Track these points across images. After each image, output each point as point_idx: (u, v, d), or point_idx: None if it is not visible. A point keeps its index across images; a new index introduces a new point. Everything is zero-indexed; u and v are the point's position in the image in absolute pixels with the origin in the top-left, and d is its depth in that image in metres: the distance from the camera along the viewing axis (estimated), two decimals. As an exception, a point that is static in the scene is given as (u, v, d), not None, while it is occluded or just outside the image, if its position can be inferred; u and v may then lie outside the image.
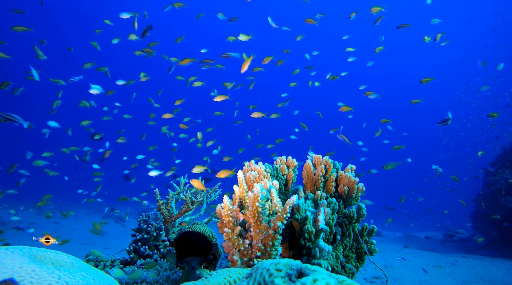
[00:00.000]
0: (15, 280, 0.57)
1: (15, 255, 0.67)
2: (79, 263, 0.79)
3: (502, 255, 5.46)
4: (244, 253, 1.04)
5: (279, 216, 1.01)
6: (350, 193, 1.40)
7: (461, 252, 6.00)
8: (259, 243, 1.02)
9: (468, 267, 4.34)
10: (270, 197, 1.07)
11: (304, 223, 1.13)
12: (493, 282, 3.74)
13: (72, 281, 0.62)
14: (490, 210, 6.09)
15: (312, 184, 1.43)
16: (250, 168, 1.37)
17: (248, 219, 1.04)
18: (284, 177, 1.50)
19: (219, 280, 0.80)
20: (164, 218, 1.70)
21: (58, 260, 0.76)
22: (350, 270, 1.34)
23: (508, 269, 4.28)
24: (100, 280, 0.70)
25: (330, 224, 1.24)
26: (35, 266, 0.63)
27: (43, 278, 0.60)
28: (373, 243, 1.43)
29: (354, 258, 1.40)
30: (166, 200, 1.73)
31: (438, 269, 4.29)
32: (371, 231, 1.43)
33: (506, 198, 5.81)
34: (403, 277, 3.85)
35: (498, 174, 6.35)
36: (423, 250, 6.06)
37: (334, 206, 1.28)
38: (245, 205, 1.12)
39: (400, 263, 4.55)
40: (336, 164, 1.47)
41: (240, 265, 1.03)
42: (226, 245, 1.06)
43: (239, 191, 1.12)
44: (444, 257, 5.04)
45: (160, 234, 1.51)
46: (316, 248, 1.12)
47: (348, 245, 1.38)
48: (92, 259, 1.45)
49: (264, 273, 0.59)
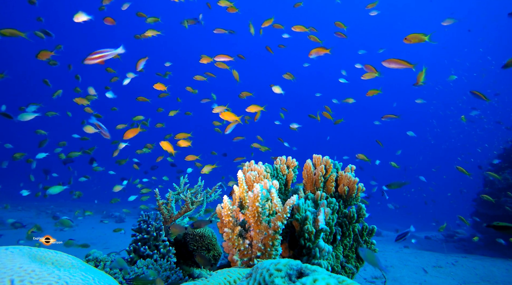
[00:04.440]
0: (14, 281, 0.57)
1: (15, 255, 0.67)
2: (79, 263, 0.79)
3: (502, 255, 5.46)
4: (244, 253, 1.04)
5: (279, 216, 1.01)
6: (350, 193, 1.40)
7: (461, 252, 6.00)
8: (259, 243, 1.02)
9: (468, 267, 4.34)
10: (270, 197, 1.07)
11: (304, 223, 1.13)
12: (493, 282, 3.74)
13: (72, 281, 0.62)
14: (490, 210, 6.09)
15: (312, 184, 1.43)
16: (250, 168, 1.37)
17: (248, 219, 1.03)
18: (284, 177, 1.50)
19: (219, 280, 0.80)
20: (164, 218, 1.70)
21: (58, 260, 0.76)
22: (350, 270, 1.34)
23: (508, 269, 4.28)
24: (100, 280, 0.70)
25: (330, 224, 1.24)
26: (35, 266, 0.63)
27: (43, 278, 0.59)
28: (373, 243, 1.43)
29: (354, 258, 1.40)
30: (166, 200, 1.73)
31: (438, 269, 4.29)
32: (371, 231, 1.43)
33: (506, 198, 5.81)
34: (403, 277, 3.85)
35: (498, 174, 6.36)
36: (423, 250, 6.06)
37: (334, 206, 1.28)
38: (245, 205, 1.12)
39: (400, 263, 4.55)
40: (336, 164, 1.47)
41: (240, 265, 1.03)
42: (226, 245, 1.06)
43: (239, 191, 1.12)
44: (444, 257, 5.04)
45: (160, 234, 1.51)
46: (316, 248, 1.12)
47: (348, 245, 1.38)
48: (92, 259, 1.45)
49: (264, 273, 0.59)
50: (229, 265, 1.14)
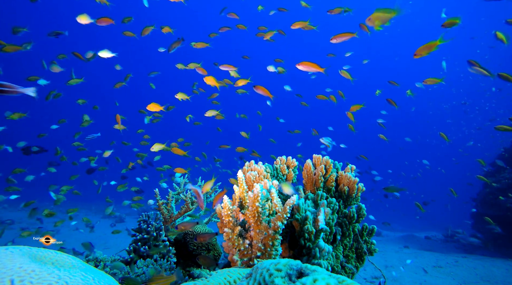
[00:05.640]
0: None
1: (15, 255, 0.67)
2: (79, 263, 0.79)
3: (502, 255, 5.46)
4: (244, 253, 1.04)
5: (279, 216, 1.01)
6: (350, 193, 1.40)
7: (461, 252, 6.00)
8: (259, 243, 1.02)
9: (468, 267, 4.34)
10: (270, 197, 1.07)
11: (304, 223, 1.12)
12: (493, 282, 3.74)
13: (72, 281, 0.62)
14: (490, 209, 6.09)
15: (312, 184, 1.43)
16: (250, 168, 1.37)
17: (248, 219, 1.03)
18: (284, 177, 1.50)
19: (219, 280, 0.80)
20: (164, 218, 1.70)
21: (58, 260, 0.76)
22: (350, 270, 1.34)
23: (508, 269, 4.28)
24: (100, 280, 0.70)
25: (330, 224, 1.24)
26: (35, 266, 0.63)
27: (43, 278, 0.59)
28: (373, 243, 1.43)
29: (354, 258, 1.39)
30: (166, 200, 1.73)
31: (438, 269, 4.28)
32: (371, 231, 1.43)
33: (506, 198, 5.81)
34: (403, 277, 3.85)
35: (498, 174, 6.36)
36: (423, 250, 6.06)
37: (334, 206, 1.28)
38: (245, 205, 1.12)
39: (400, 263, 4.55)
40: (336, 164, 1.47)
41: (240, 265, 1.03)
42: (226, 245, 1.06)
43: (239, 191, 1.12)
44: (444, 257, 5.04)
45: (160, 234, 1.51)
46: (316, 248, 1.12)
47: (348, 245, 1.38)
48: (92, 259, 1.45)
49: (264, 273, 0.59)
50: (229, 265, 1.14)
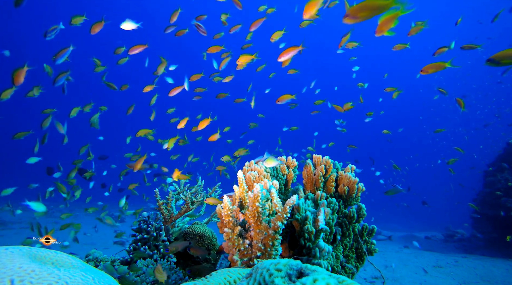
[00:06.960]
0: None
1: (15, 255, 0.67)
2: (79, 263, 0.79)
3: (502, 255, 5.46)
4: (244, 253, 1.04)
5: (279, 216, 1.01)
6: (350, 193, 1.40)
7: (461, 252, 6.00)
8: (259, 243, 1.02)
9: (468, 267, 4.34)
10: (270, 197, 1.07)
11: (304, 223, 1.12)
12: (493, 282, 3.74)
13: (72, 281, 0.62)
14: (490, 209, 6.09)
15: (312, 184, 1.43)
16: (250, 168, 1.37)
17: (248, 219, 1.03)
18: (284, 177, 1.50)
19: (219, 280, 0.80)
20: (164, 218, 1.70)
21: (58, 260, 0.76)
22: (350, 270, 1.34)
23: (508, 269, 4.28)
24: (100, 280, 0.70)
25: (330, 224, 1.24)
26: (35, 266, 0.63)
27: (43, 278, 0.59)
28: (373, 243, 1.43)
29: (354, 258, 1.40)
30: (166, 200, 1.73)
31: (438, 269, 4.29)
32: (371, 231, 1.43)
33: (506, 198, 5.81)
34: (403, 277, 3.85)
35: (498, 174, 6.36)
36: (423, 250, 6.06)
37: (334, 206, 1.28)
38: (245, 205, 1.12)
39: (400, 263, 4.55)
40: (336, 164, 1.47)
41: (240, 265, 1.03)
42: (226, 245, 1.06)
43: (239, 191, 1.12)
44: (444, 257, 5.04)
45: (160, 234, 1.51)
46: (316, 248, 1.12)
47: (348, 245, 1.38)
48: (92, 259, 1.45)
49: (264, 273, 0.59)
50: (229, 265, 1.14)
